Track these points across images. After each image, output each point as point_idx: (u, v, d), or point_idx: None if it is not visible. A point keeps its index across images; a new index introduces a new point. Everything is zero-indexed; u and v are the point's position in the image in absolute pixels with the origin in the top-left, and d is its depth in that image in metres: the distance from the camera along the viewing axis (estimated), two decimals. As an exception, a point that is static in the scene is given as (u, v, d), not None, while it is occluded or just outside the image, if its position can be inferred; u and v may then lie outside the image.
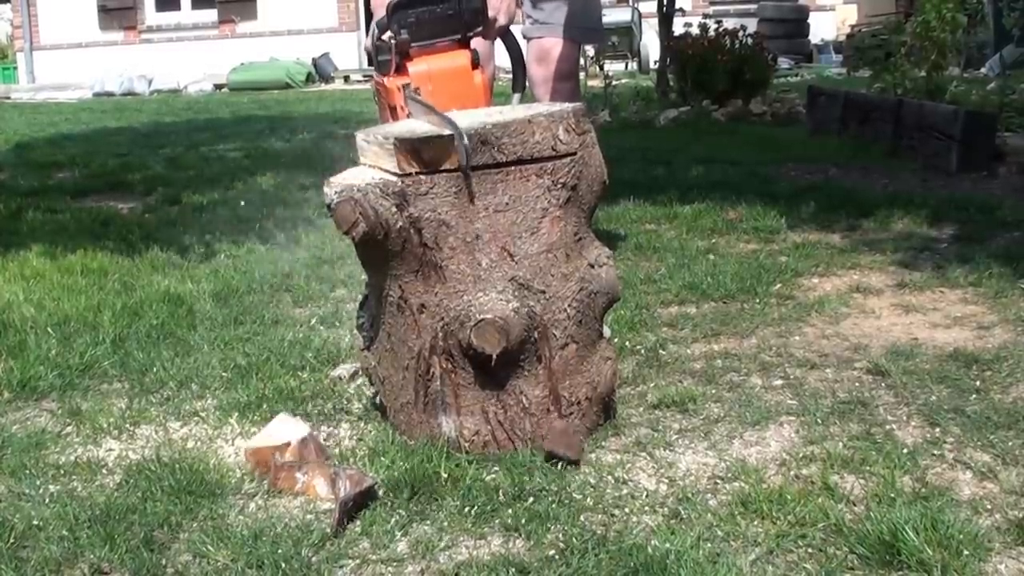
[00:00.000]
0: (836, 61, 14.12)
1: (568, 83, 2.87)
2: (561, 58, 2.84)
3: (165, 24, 16.49)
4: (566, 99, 2.83)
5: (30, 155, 7.01)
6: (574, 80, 2.90)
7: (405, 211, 1.92)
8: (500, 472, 1.94)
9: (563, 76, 2.85)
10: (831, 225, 3.94)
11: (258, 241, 4.02)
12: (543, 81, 2.89)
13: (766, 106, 8.03)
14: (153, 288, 3.30)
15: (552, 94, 2.86)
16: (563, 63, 2.84)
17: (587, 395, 2.08)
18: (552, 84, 2.85)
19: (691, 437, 2.12)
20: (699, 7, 14.86)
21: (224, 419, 2.27)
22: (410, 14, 2.26)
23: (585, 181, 2.03)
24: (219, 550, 1.70)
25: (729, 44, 8.47)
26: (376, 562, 1.69)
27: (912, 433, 2.10)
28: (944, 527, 1.64)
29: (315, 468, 1.92)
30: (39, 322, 2.93)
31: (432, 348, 2.00)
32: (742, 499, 1.82)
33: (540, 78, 2.88)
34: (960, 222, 3.90)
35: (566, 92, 2.86)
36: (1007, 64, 9.26)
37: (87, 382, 2.53)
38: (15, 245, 3.99)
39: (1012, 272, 3.13)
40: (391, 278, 2.01)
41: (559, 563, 1.65)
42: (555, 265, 2.00)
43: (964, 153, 5.08)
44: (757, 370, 2.47)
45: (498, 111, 2.16)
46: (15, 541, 1.75)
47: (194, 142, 7.52)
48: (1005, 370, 2.40)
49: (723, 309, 2.96)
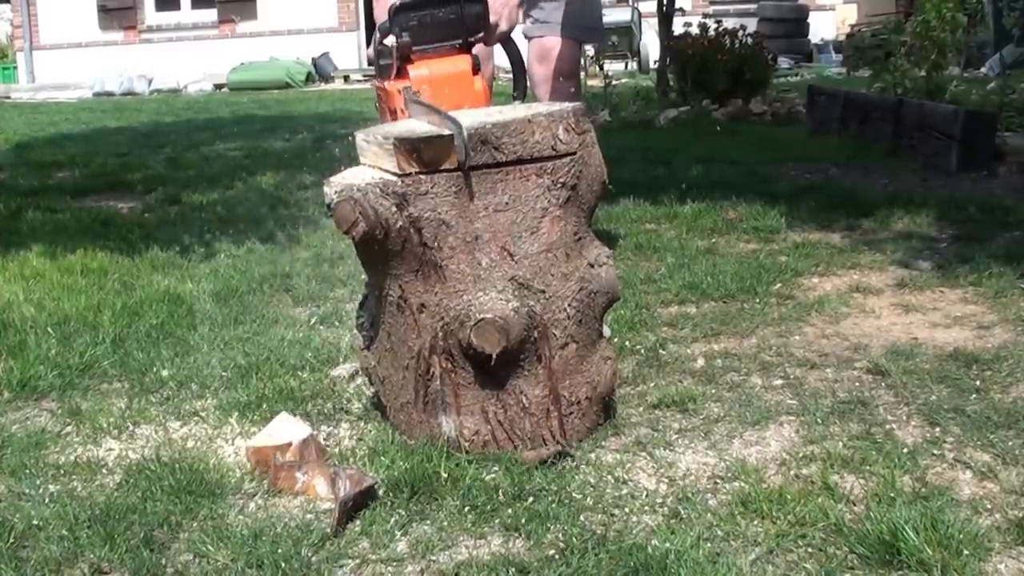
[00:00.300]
0: (836, 61, 14.12)
1: (569, 82, 2.86)
2: (561, 57, 2.84)
3: (165, 24, 16.48)
4: (567, 98, 2.82)
5: (30, 155, 7.00)
6: (575, 79, 2.90)
7: (405, 211, 1.92)
8: (500, 472, 1.94)
9: (564, 75, 2.85)
10: (831, 225, 3.94)
11: (258, 241, 4.02)
12: (544, 80, 2.89)
13: (766, 106, 8.03)
14: (153, 288, 3.30)
15: (553, 93, 2.86)
16: (564, 62, 2.84)
17: (587, 395, 2.08)
18: (553, 83, 2.85)
19: (691, 437, 2.12)
20: (699, 7, 14.86)
21: (224, 419, 2.27)
22: (412, 18, 2.26)
23: (585, 181, 2.03)
24: (219, 550, 1.70)
25: (729, 44, 8.46)
26: (376, 562, 1.69)
27: (912, 433, 2.10)
28: (944, 527, 1.64)
29: (315, 468, 1.92)
30: (39, 322, 2.93)
31: (432, 348, 2.00)
32: (742, 499, 1.82)
33: (541, 77, 2.87)
34: (960, 222, 3.90)
35: (567, 91, 2.86)
36: (1007, 64, 9.26)
37: (87, 382, 2.53)
38: (15, 245, 3.99)
39: (1012, 272, 3.13)
40: (391, 278, 2.01)
41: (559, 563, 1.65)
42: (555, 265, 2.00)
43: (964, 153, 5.08)
44: (757, 370, 2.47)
45: (498, 111, 2.16)
46: (15, 541, 1.75)
47: (194, 142, 7.52)
48: (1005, 370, 2.40)
49: (723, 309, 2.96)
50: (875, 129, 6.00)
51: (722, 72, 8.25)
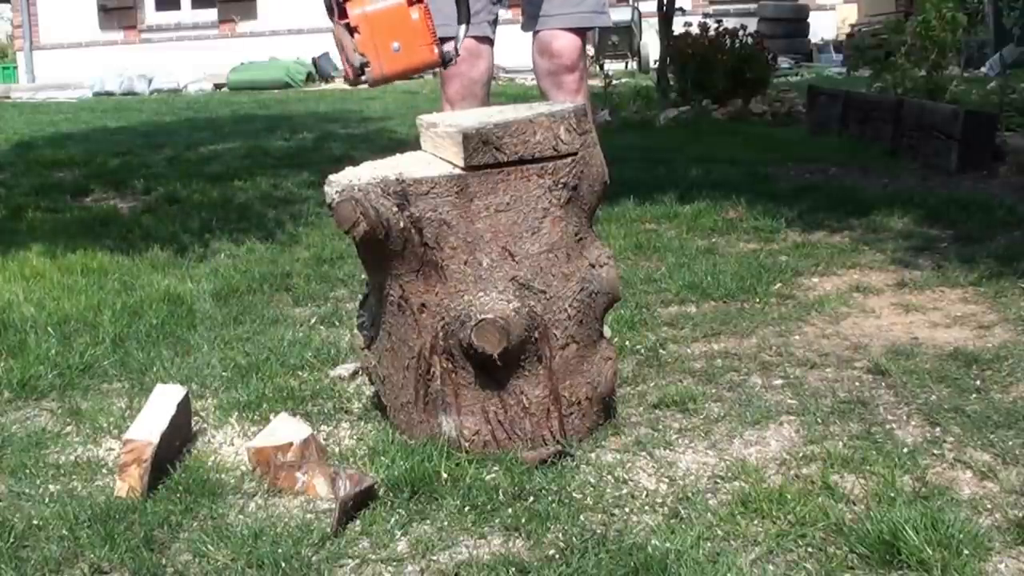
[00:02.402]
0: (836, 60, 14.11)
1: (572, 75, 2.80)
2: (563, 50, 2.80)
3: (165, 24, 16.48)
4: (573, 91, 2.79)
5: (30, 155, 6.99)
6: (579, 71, 2.84)
7: (406, 211, 1.92)
8: (500, 472, 1.94)
9: (567, 68, 2.80)
10: (831, 225, 3.94)
11: (258, 240, 4.02)
12: (547, 74, 2.84)
13: (766, 106, 8.02)
14: (153, 287, 3.30)
15: (558, 88, 2.82)
16: (565, 55, 2.80)
17: (587, 395, 2.08)
18: (557, 77, 2.81)
19: (691, 436, 2.12)
20: (699, 6, 14.85)
21: (224, 419, 2.27)
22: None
23: (586, 181, 2.03)
24: (219, 549, 1.70)
25: (729, 44, 8.46)
26: (376, 561, 1.69)
27: (912, 432, 2.10)
28: (944, 526, 1.64)
29: (315, 467, 1.92)
30: (39, 322, 2.93)
31: (433, 348, 2.00)
32: (742, 498, 1.82)
33: (544, 71, 2.83)
34: (960, 222, 3.90)
35: (572, 84, 2.81)
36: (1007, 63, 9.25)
37: (87, 382, 2.53)
38: (15, 245, 3.99)
39: (1012, 272, 3.13)
40: (392, 277, 2.01)
41: (559, 562, 1.65)
42: (556, 265, 2.00)
43: (964, 153, 5.08)
44: (757, 370, 2.47)
45: (499, 111, 2.16)
46: (15, 541, 1.75)
47: (194, 141, 7.51)
48: (1005, 369, 2.40)
49: (723, 309, 2.96)
50: (875, 129, 6.00)
51: (722, 72, 8.25)
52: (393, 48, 2.25)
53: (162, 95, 14.03)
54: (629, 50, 13.79)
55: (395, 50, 2.25)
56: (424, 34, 2.27)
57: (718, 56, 8.35)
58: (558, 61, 2.76)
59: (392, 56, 2.26)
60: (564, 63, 2.77)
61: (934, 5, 6.55)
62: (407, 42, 2.25)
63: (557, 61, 2.76)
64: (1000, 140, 5.32)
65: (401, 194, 1.92)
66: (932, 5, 6.57)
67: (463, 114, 2.05)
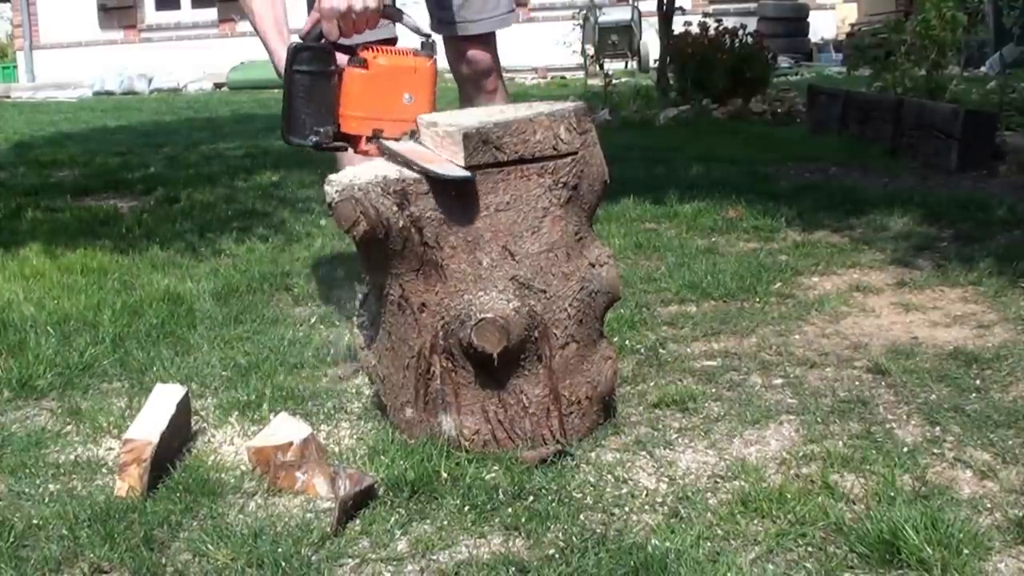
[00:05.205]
0: (836, 60, 14.11)
1: (490, 76, 2.82)
2: (480, 57, 2.82)
3: (165, 23, 16.48)
4: (493, 91, 2.81)
5: (30, 154, 7.00)
6: (496, 70, 2.86)
7: (406, 210, 1.92)
8: (500, 471, 1.94)
9: (485, 73, 2.81)
10: (831, 224, 3.94)
11: (258, 239, 4.02)
12: (466, 80, 2.86)
13: (766, 105, 8.03)
14: (153, 287, 3.30)
15: (479, 90, 2.83)
16: (484, 61, 2.82)
17: (587, 394, 2.08)
18: (478, 81, 2.83)
19: (691, 436, 2.12)
20: (699, 6, 14.85)
21: (224, 418, 2.27)
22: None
23: (586, 180, 2.03)
24: (219, 549, 1.70)
25: (729, 43, 8.46)
26: (376, 561, 1.69)
27: (912, 432, 2.10)
28: (944, 526, 1.64)
29: (315, 467, 1.92)
30: (39, 321, 2.93)
31: (432, 347, 2.00)
32: (742, 498, 1.82)
33: (463, 77, 2.85)
34: (960, 221, 3.90)
35: (491, 84, 2.81)
36: (1007, 63, 9.25)
37: (87, 381, 2.53)
38: (15, 244, 3.99)
39: (1012, 271, 3.13)
40: (392, 277, 2.01)
41: (559, 562, 1.64)
42: (556, 264, 2.00)
43: (964, 152, 5.08)
44: (757, 369, 2.47)
45: (499, 110, 2.16)
46: (15, 540, 1.75)
47: (194, 141, 7.52)
48: (1005, 369, 2.40)
49: (723, 308, 2.96)
50: (875, 128, 6.00)
51: (722, 71, 8.25)
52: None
53: (162, 95, 14.05)
54: (629, 49, 13.78)
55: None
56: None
57: (718, 55, 8.35)
58: (476, 67, 2.79)
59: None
60: (482, 68, 2.79)
61: (934, 5, 6.55)
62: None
63: (475, 67, 2.79)
64: (1000, 139, 5.32)
65: (401, 193, 1.91)
66: (932, 5, 6.56)
67: (463, 113, 2.05)
